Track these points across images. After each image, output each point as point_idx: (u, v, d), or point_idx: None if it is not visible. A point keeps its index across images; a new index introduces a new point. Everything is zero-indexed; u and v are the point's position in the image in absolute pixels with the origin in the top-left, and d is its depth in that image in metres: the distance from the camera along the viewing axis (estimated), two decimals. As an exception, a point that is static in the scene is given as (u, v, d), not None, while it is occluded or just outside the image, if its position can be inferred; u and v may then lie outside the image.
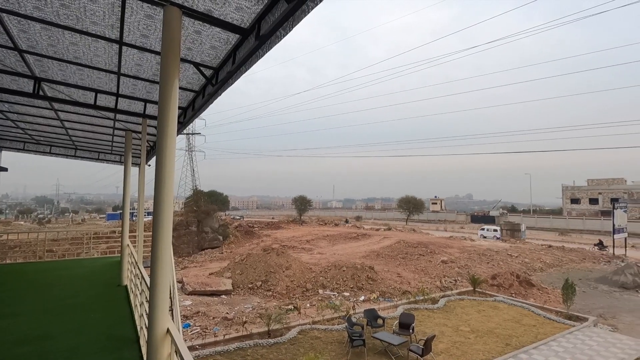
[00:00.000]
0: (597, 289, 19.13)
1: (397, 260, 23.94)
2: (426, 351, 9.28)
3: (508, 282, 18.00)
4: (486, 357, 9.93)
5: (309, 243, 32.34)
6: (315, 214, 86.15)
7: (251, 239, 35.89)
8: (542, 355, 10.08)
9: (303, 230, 44.17)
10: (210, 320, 13.01)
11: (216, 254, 29.19)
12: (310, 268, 19.48)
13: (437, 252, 25.62)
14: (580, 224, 55.37)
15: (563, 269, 24.02)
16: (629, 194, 61.92)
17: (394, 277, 19.29)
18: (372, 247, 29.03)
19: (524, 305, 14.74)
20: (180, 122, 6.25)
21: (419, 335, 10.91)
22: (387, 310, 14.14)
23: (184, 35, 3.51)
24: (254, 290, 17.28)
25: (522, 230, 40.54)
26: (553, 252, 29.17)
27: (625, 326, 13.27)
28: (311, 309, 14.54)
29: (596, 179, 69.44)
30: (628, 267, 20.32)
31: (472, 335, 11.52)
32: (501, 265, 23.22)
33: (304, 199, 64.31)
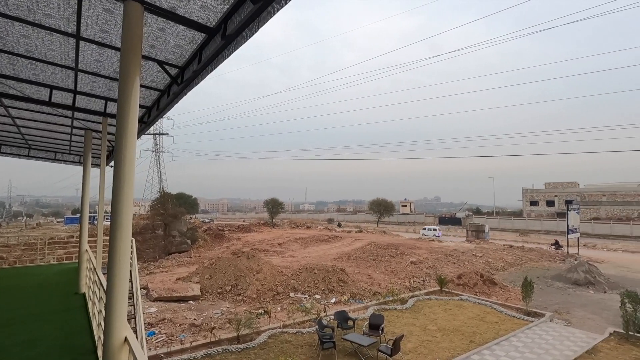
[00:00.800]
0: (553, 286, 20.30)
1: (368, 261, 24.26)
2: (395, 351, 9.44)
3: (473, 282, 18.71)
4: (452, 354, 10.25)
5: (280, 246, 32.11)
6: (287, 216, 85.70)
7: (221, 243, 35.13)
8: (503, 350, 10.54)
9: (275, 233, 43.81)
10: (177, 327, 12.57)
11: (184, 259, 28.31)
12: (282, 271, 19.33)
13: (407, 254, 26.23)
14: (538, 225, 58.66)
15: (523, 268, 25.29)
16: (581, 196, 66.36)
17: (365, 278, 19.52)
18: (344, 249, 29.27)
19: (487, 303, 15.36)
20: (144, 121, 6.02)
21: (388, 335, 11.08)
22: (358, 311, 14.27)
23: (147, 32, 3.39)
24: (224, 295, 16.90)
25: (486, 231, 42.34)
26: (514, 252, 30.67)
27: (578, 320, 14.17)
28: (282, 312, 14.41)
29: (553, 183, 73.90)
30: (580, 265, 21.72)
31: (439, 333, 11.86)
32: (466, 265, 24.11)
33: (276, 202, 63.85)
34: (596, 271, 21.47)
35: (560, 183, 72.96)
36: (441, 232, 45.42)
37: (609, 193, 66.93)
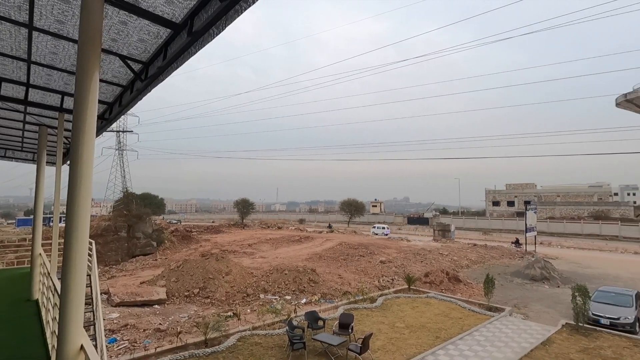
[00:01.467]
0: (512, 282, 21.41)
1: (339, 261, 24.47)
2: (364, 349, 9.58)
3: (439, 279, 19.35)
4: (418, 350, 10.54)
5: (251, 247, 31.69)
6: (258, 217, 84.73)
7: (189, 244, 34.13)
8: (466, 344, 10.98)
9: (245, 234, 43.17)
10: (141, 332, 12.08)
11: (149, 261, 27.24)
12: (252, 272, 19.08)
13: (376, 253, 26.71)
14: (500, 224, 61.63)
15: (485, 265, 26.48)
16: (538, 197, 70.50)
17: (335, 278, 19.67)
18: (315, 249, 29.34)
19: (452, 300, 15.95)
20: (105, 118, 5.75)
21: (358, 334, 11.23)
22: (328, 311, 14.35)
23: (108, 25, 3.24)
24: (191, 298, 16.43)
25: (451, 230, 43.95)
26: (477, 250, 32.04)
27: (534, 314, 15.03)
28: (252, 314, 14.22)
29: (513, 184, 77.95)
30: (537, 262, 23.06)
31: (407, 330, 12.17)
32: (433, 263, 24.90)
33: (247, 202, 62.97)
34: (551, 267, 22.87)
35: (519, 184, 77.12)
36: (389, 230, 47.72)
37: (562, 194, 71.53)
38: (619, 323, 12.74)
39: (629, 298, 13.88)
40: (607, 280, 21.58)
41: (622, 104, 67.54)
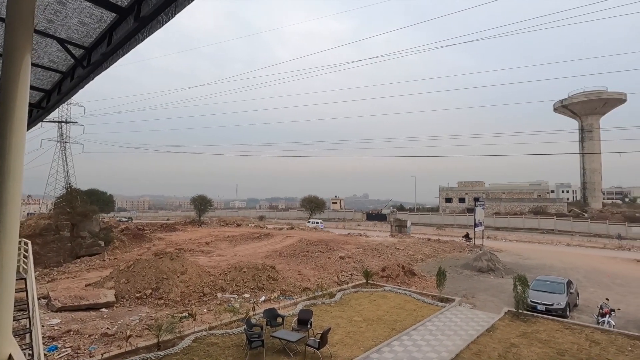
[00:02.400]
0: (462, 273, 22.73)
1: (299, 258, 24.51)
2: (322, 344, 9.69)
3: (395, 273, 20.05)
4: (375, 342, 10.86)
5: (208, 245, 30.76)
6: (216, 214, 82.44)
7: (141, 244, 32.38)
8: (419, 334, 11.50)
9: (202, 231, 41.80)
10: (86, 339, 11.28)
11: (96, 262, 25.49)
12: (209, 271, 18.54)
13: (336, 249, 27.09)
14: (452, 220, 65.12)
15: (438, 259, 27.87)
16: (486, 194, 75.31)
17: (295, 275, 19.68)
18: (275, 246, 29.13)
19: (407, 292, 16.61)
20: (42, 107, 5.25)
21: (317, 329, 11.32)
22: (288, 308, 14.33)
23: (43, 4, 2.95)
24: (143, 300, 15.62)
25: (408, 226, 45.70)
26: (431, 245, 33.62)
27: (481, 303, 16.09)
28: (208, 314, 13.82)
29: (464, 182, 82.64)
30: (484, 255, 24.67)
31: (364, 324, 12.48)
32: (390, 258, 25.76)
33: (204, 199, 61.00)
34: (496, 259, 24.59)
35: (470, 182, 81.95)
36: (323, 224, 52.88)
37: (507, 191, 77.02)
38: (553, 309, 14.02)
39: (561, 286, 15.30)
40: (543, 270, 23.63)
41: (558, 109, 74.06)
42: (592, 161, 68.31)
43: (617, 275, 22.97)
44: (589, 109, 67.77)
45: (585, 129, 68.69)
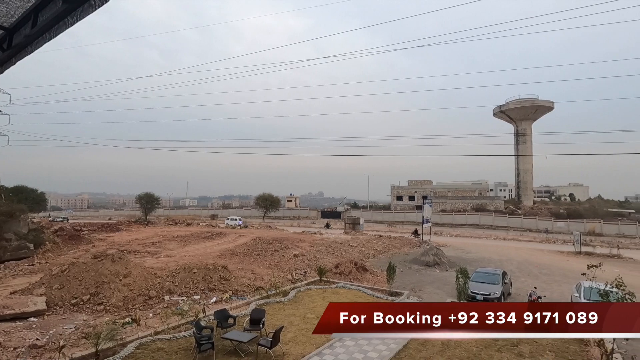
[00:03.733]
0: (410, 268, 23.84)
1: (252, 257, 24.12)
2: (274, 343, 9.63)
3: (348, 269, 20.49)
4: (327, 338, 10.99)
5: (155, 245, 29.17)
6: (164, 213, 78.44)
7: (78, 245, 29.84)
8: (370, 328, 11.87)
9: (149, 231, 39.54)
10: (10, 352, 10.16)
11: (24, 267, 23.01)
12: (155, 273, 17.57)
13: (290, 247, 27.06)
14: (402, 217, 67.97)
15: (389, 254, 28.96)
16: (434, 192, 79.58)
17: (248, 274, 19.35)
18: (227, 245, 28.40)
19: (359, 288, 17.05)
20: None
21: (270, 328, 11.23)
22: (240, 308, 14.05)
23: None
24: (80, 307, 14.41)
25: (361, 223, 46.91)
26: (383, 241, 34.85)
27: (427, 295, 17.00)
28: (154, 318, 13.13)
29: (414, 180, 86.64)
30: (431, 250, 26.07)
31: (317, 320, 12.52)
32: (343, 255, 26.27)
33: (151, 197, 57.72)
34: (441, 254, 26.10)
35: (419, 181, 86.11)
36: (242, 221, 52.49)
37: (452, 190, 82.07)
38: (490, 298, 15.22)
39: (497, 277, 16.66)
40: (482, 262, 25.54)
41: (497, 114, 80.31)
42: (525, 162, 75.06)
43: (543, 266, 25.50)
44: (523, 115, 74.38)
45: (520, 133, 75.27)
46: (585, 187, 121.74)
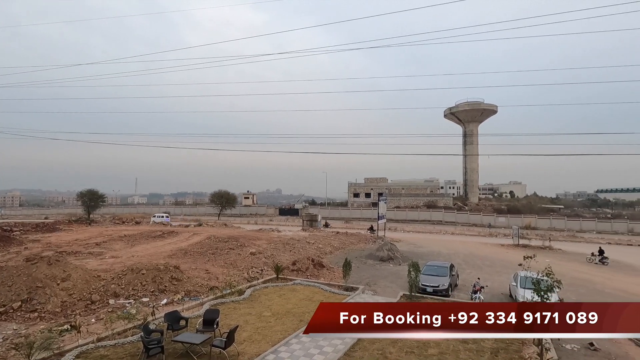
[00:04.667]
0: (366, 263, 24.48)
1: (207, 256, 23.36)
2: (229, 343, 9.41)
3: (305, 266, 20.57)
4: (283, 335, 10.99)
5: (99, 246, 27.21)
6: (111, 211, 73.45)
7: (7, 247, 26.96)
8: (326, 324, 12.01)
9: (92, 231, 36.76)
10: None
11: (-60, 273, 20.34)
12: (99, 275, 16.40)
13: (247, 245, 26.58)
14: (359, 214, 69.50)
15: (346, 250, 29.50)
16: (389, 189, 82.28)
17: (202, 274, 18.71)
18: (180, 244, 27.24)
19: (316, 284, 17.20)
20: None
21: (224, 328, 10.96)
22: (193, 309, 13.55)
23: None
24: (9, 315, 13.03)
25: (318, 220, 47.28)
26: (339, 238, 35.40)
27: (381, 289, 17.57)
28: (97, 324, 12.25)
29: (370, 178, 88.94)
30: (385, 245, 26.96)
31: (273, 318, 12.52)
32: (301, 252, 26.31)
33: (94, 194, 53.69)
34: (395, 249, 27.10)
35: (375, 178, 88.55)
36: (169, 218, 52.04)
37: (406, 187, 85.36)
38: (438, 289, 16.09)
39: (445, 269, 17.64)
40: (432, 256, 26.91)
41: (447, 116, 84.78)
42: (471, 162, 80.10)
43: (486, 258, 27.45)
44: (470, 117, 79.25)
45: (467, 134, 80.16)
46: (523, 185, 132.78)
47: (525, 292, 13.72)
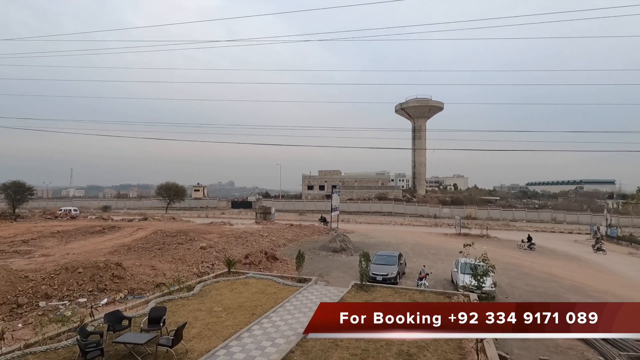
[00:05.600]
0: (319, 254, 24.83)
1: (153, 251, 22.17)
2: (176, 341, 9.05)
3: (258, 259, 20.36)
4: (235, 330, 10.81)
5: (27, 244, 24.63)
6: (41, 205, 66.75)
7: None
8: (278, 316, 12.04)
9: (18, 227, 33.10)
10: None
11: None
12: (27, 276, 14.86)
13: (197, 239, 25.64)
14: (313, 206, 70.05)
15: (299, 242, 29.66)
16: (342, 182, 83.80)
17: (148, 270, 17.75)
18: (123, 240, 25.53)
19: (269, 277, 17.11)
20: None
21: (172, 326, 10.51)
22: (137, 308, 12.82)
23: None
24: None
25: (272, 213, 46.88)
26: (294, 230, 35.47)
27: (334, 279, 17.95)
28: (25, 329, 11.16)
29: (324, 170, 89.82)
30: (338, 236, 27.51)
31: (224, 313, 12.25)
32: (254, 245, 25.98)
33: (21, 186, 48.37)
34: (348, 240, 27.77)
35: (329, 171, 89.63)
36: (78, 212, 50.11)
37: (359, 180, 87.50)
38: (387, 278, 16.81)
39: (394, 258, 18.45)
40: (383, 246, 28.01)
41: (398, 111, 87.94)
42: (420, 156, 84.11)
43: (432, 247, 29.17)
44: (419, 113, 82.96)
45: (416, 129, 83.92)
46: (466, 178, 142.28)
47: (465, 277, 14.83)
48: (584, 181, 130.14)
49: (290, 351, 9.27)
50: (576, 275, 21.22)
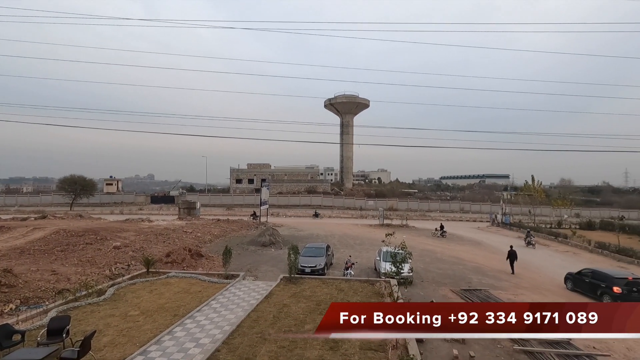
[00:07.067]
0: (248, 249, 24.35)
1: (54, 254, 19.46)
2: (83, 352, 8.10)
3: (181, 257, 19.20)
4: (154, 333, 10.06)
5: None
6: None
7: None
8: (203, 314, 11.53)
9: None
10: None
11: None
12: None
13: (110, 238, 23.19)
14: (241, 200, 68.31)
15: (227, 238, 28.71)
16: (272, 175, 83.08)
17: (47, 276, 15.51)
18: (14, 242, 21.92)
19: (193, 275, 16.26)
20: None
21: (78, 336, 9.39)
22: (33, 319, 11.15)
23: None
24: None
25: (197, 208, 44.57)
26: (220, 225, 34.18)
27: (262, 274, 17.77)
28: None
29: (253, 164, 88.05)
30: (267, 230, 27.27)
31: (142, 317, 11.33)
32: (176, 242, 24.42)
33: None
34: (277, 234, 27.70)
35: (258, 164, 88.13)
36: None
37: (288, 173, 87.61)
38: (315, 269, 17.22)
39: (322, 250, 18.95)
40: (312, 238, 28.56)
41: (327, 106, 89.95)
42: (347, 150, 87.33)
43: (357, 237, 30.62)
44: (347, 109, 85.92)
45: (344, 125, 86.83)
46: (388, 172, 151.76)
47: (386, 264, 15.89)
48: (485, 175, 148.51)
49: (216, 350, 8.96)
50: (479, 258, 24.20)
